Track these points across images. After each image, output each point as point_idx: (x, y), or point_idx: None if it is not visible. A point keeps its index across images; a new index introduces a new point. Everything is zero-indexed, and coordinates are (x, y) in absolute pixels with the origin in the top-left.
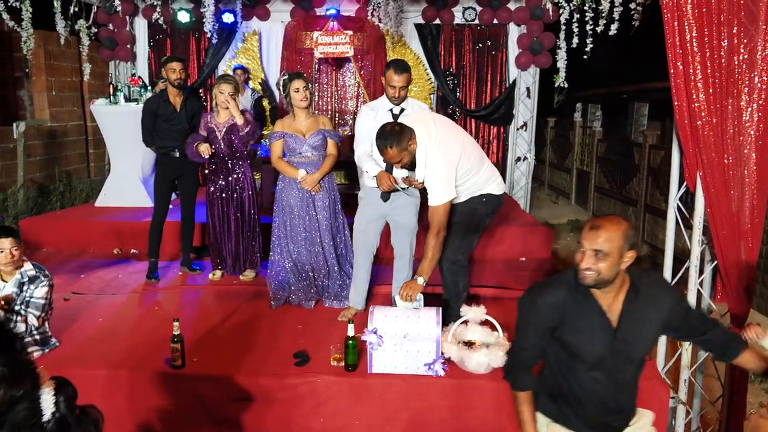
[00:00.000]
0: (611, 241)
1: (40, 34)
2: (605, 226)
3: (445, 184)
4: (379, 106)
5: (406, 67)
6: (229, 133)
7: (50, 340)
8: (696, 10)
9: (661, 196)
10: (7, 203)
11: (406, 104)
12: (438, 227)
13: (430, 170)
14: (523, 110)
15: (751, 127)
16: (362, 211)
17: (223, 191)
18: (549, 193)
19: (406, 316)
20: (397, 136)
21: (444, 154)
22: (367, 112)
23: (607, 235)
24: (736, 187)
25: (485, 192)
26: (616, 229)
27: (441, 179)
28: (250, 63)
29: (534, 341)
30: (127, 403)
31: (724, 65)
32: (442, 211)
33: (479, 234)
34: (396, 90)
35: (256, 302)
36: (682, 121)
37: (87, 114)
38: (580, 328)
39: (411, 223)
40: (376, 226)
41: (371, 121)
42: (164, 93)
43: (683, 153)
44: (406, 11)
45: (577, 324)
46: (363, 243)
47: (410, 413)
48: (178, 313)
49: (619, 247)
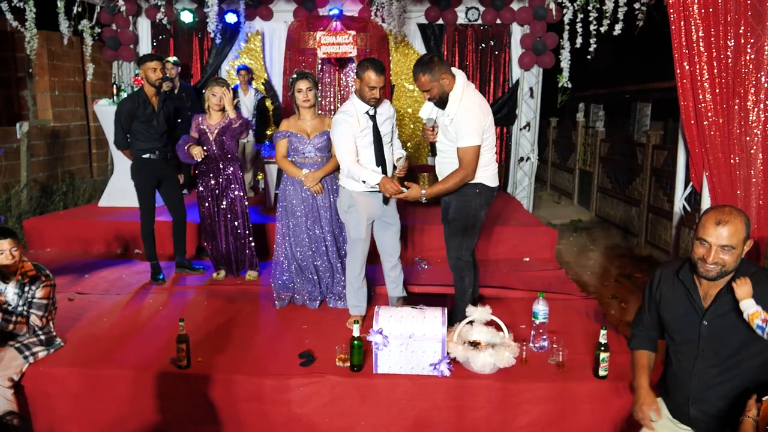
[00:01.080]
0: (737, 234)
1: (43, 34)
2: (731, 221)
3: (477, 128)
4: (356, 111)
5: (384, 69)
6: (221, 134)
7: (55, 340)
8: (702, 10)
9: (664, 196)
10: (10, 203)
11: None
12: (466, 169)
13: (464, 109)
14: (526, 110)
15: (758, 127)
16: (359, 219)
17: (213, 191)
18: (552, 193)
19: (411, 316)
20: (432, 66)
21: (480, 104)
22: (346, 119)
23: (734, 228)
24: (742, 187)
25: (479, 181)
26: (740, 222)
27: (473, 121)
28: (253, 63)
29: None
30: (132, 403)
31: (730, 65)
32: (472, 155)
33: (478, 228)
34: (376, 91)
35: (261, 302)
36: (688, 121)
37: (90, 114)
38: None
39: (398, 221)
40: (370, 229)
41: (354, 128)
42: (142, 93)
43: (689, 153)
44: (409, 11)
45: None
46: (362, 250)
47: (415, 413)
48: (183, 314)
49: (743, 240)
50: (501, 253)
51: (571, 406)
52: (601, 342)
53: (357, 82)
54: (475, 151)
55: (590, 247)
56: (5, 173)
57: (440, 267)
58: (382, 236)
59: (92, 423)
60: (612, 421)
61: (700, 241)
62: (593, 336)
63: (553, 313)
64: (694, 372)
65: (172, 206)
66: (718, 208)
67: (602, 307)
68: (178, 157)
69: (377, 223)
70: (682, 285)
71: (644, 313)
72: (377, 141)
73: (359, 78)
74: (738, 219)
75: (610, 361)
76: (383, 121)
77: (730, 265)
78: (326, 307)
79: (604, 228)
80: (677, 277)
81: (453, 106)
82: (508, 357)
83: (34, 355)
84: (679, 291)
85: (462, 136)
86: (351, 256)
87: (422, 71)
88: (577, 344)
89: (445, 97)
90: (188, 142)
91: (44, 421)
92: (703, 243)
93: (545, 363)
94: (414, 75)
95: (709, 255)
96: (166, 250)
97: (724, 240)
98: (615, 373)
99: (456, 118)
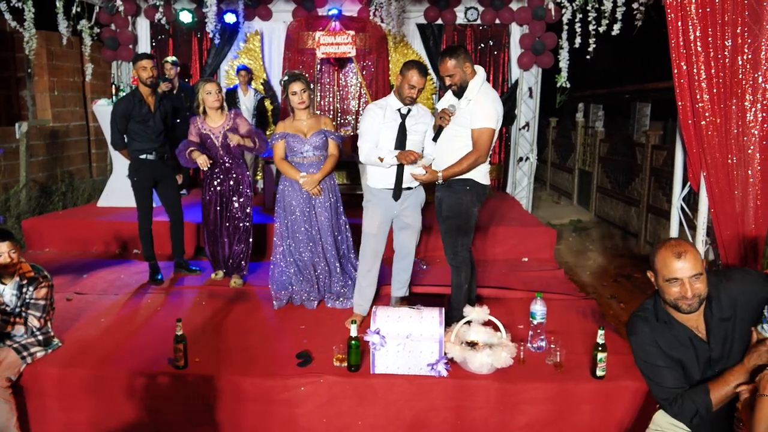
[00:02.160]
0: (698, 259)
1: (42, 34)
2: (688, 250)
3: (493, 114)
4: (387, 105)
5: (427, 71)
6: (227, 137)
7: (53, 341)
8: (700, 10)
9: (663, 196)
10: (9, 203)
11: (414, 105)
12: (480, 150)
13: (482, 95)
14: (526, 110)
15: (756, 127)
16: (372, 214)
17: (219, 197)
18: (551, 194)
19: (408, 316)
20: (459, 54)
21: (496, 98)
22: (375, 110)
23: (693, 255)
24: (740, 187)
25: (469, 177)
26: (693, 247)
27: (490, 108)
28: (252, 63)
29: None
30: (130, 403)
31: (728, 65)
32: (486, 137)
33: (472, 224)
34: (414, 90)
35: (259, 303)
36: (685, 121)
37: (89, 114)
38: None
39: (417, 223)
40: (386, 228)
41: (379, 119)
42: (137, 93)
43: (687, 153)
44: (408, 11)
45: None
46: (374, 246)
47: (413, 414)
48: (181, 314)
49: (703, 262)
50: (500, 254)
51: (568, 407)
52: (598, 342)
53: (399, 79)
54: (490, 133)
55: (589, 248)
56: (4, 173)
57: (439, 267)
58: (398, 236)
59: (90, 423)
60: (609, 421)
61: (670, 282)
62: (591, 336)
63: (551, 313)
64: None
65: (169, 207)
66: (667, 245)
67: (601, 307)
68: (179, 161)
69: (396, 222)
70: (674, 330)
71: (667, 374)
72: (400, 137)
73: (402, 75)
74: (690, 245)
75: (607, 361)
76: (415, 122)
77: (704, 291)
78: (324, 307)
79: (603, 228)
80: (665, 324)
81: (473, 91)
82: (505, 357)
83: (32, 356)
84: (676, 336)
85: (478, 117)
86: (361, 252)
87: (449, 56)
88: (575, 344)
89: (465, 85)
90: (188, 147)
91: (41, 422)
92: (674, 282)
93: (543, 363)
94: (440, 59)
95: (686, 290)
96: (165, 251)
97: (692, 270)
98: (612, 374)
99: (474, 99)
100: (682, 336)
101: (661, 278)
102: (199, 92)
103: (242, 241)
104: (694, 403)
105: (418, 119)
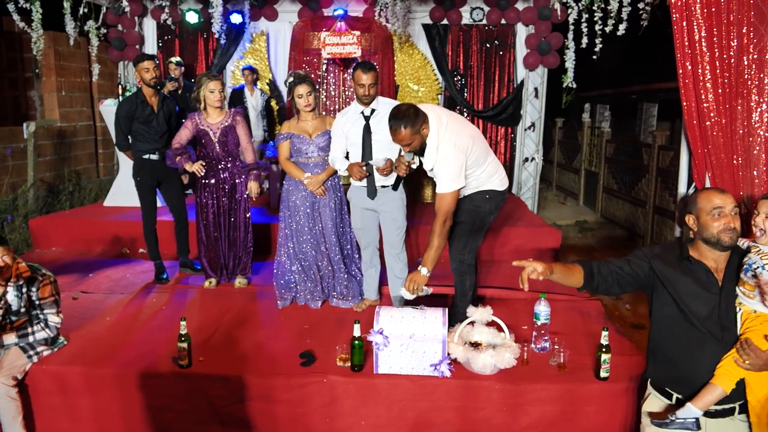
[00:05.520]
0: (734, 200)
1: (49, 35)
2: (725, 190)
3: (456, 172)
4: (349, 110)
5: (372, 66)
6: (225, 134)
7: (58, 339)
8: (705, 10)
9: (670, 197)
10: (17, 203)
11: (376, 104)
12: (444, 215)
13: (441, 156)
14: (531, 111)
15: (761, 127)
16: (354, 210)
17: (215, 195)
18: (557, 194)
19: (412, 316)
20: (412, 119)
21: (456, 142)
22: (338, 118)
23: (732, 195)
24: (745, 188)
25: (488, 188)
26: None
27: (452, 166)
28: (258, 63)
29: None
30: (134, 401)
31: (733, 65)
32: (449, 200)
33: (484, 232)
34: (365, 88)
35: (263, 302)
36: (690, 121)
37: (96, 114)
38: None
39: (399, 217)
40: (372, 218)
41: (342, 126)
42: (140, 94)
43: (692, 154)
44: (413, 11)
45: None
46: (364, 238)
47: (416, 414)
48: (185, 313)
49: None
50: (505, 254)
51: (572, 408)
52: (602, 343)
53: (353, 84)
54: (452, 196)
55: (595, 248)
56: (12, 173)
57: (441, 267)
58: (384, 228)
59: (94, 421)
60: (613, 422)
61: (714, 213)
62: (595, 337)
63: (555, 314)
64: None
65: (173, 206)
66: (705, 189)
67: (606, 308)
68: (166, 163)
69: (382, 217)
70: (692, 265)
71: (618, 261)
72: (365, 139)
73: (353, 79)
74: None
75: (611, 362)
76: (379, 122)
77: (739, 228)
78: (328, 306)
79: (609, 229)
80: (686, 261)
81: (431, 156)
82: (508, 358)
83: (38, 354)
84: (692, 271)
85: (440, 181)
86: (359, 244)
87: (405, 124)
88: (578, 345)
89: (423, 146)
90: (177, 153)
91: (47, 420)
92: (719, 211)
93: (546, 364)
94: (393, 128)
95: (729, 220)
96: (170, 250)
97: (732, 204)
98: (616, 375)
99: (435, 166)
100: (699, 269)
101: (704, 214)
102: (201, 87)
103: (243, 242)
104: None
105: (382, 118)
